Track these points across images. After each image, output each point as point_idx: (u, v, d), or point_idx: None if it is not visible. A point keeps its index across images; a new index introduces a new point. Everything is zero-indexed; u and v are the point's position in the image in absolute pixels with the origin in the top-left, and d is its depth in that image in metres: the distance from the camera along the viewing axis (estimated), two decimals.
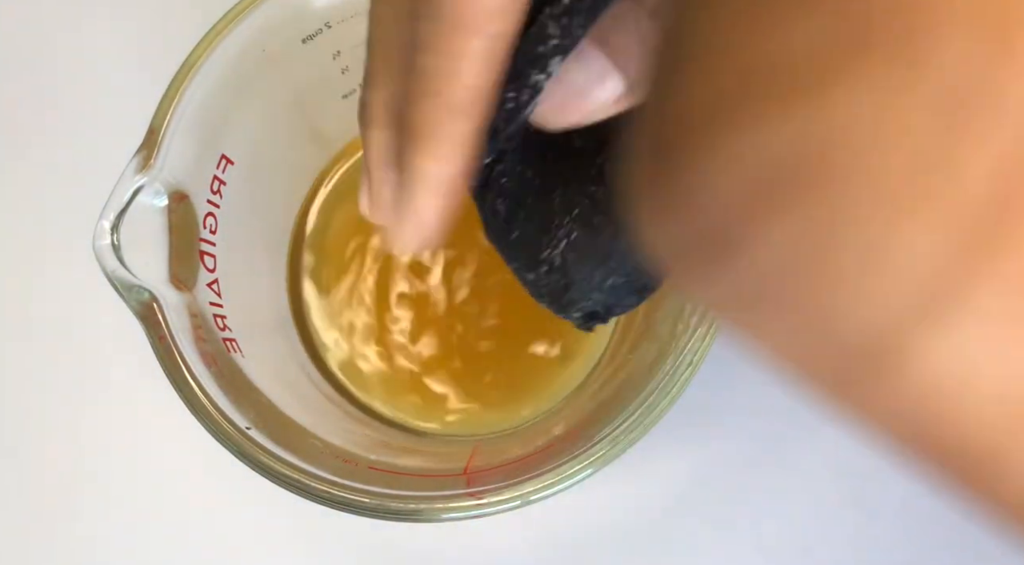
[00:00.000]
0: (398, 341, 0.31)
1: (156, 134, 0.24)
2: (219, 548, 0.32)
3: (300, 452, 0.23)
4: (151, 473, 0.32)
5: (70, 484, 0.32)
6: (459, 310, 0.31)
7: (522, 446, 0.27)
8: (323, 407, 0.29)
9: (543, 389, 0.31)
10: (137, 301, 0.23)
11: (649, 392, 0.23)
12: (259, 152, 0.27)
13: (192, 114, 0.25)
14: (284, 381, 0.28)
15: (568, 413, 0.29)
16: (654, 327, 0.27)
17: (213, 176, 0.26)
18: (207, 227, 0.26)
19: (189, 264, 0.25)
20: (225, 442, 0.23)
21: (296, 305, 0.32)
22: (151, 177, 0.24)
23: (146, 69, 0.27)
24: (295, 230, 0.32)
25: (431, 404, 0.31)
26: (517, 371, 0.32)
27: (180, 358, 0.23)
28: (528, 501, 0.22)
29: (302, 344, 0.31)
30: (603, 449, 0.22)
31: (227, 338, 0.25)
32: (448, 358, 0.31)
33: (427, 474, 0.26)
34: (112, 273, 0.23)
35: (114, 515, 0.32)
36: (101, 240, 0.23)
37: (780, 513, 0.31)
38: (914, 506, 0.31)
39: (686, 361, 0.23)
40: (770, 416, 0.32)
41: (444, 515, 0.23)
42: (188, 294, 0.24)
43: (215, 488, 0.32)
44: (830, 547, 0.31)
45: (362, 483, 0.23)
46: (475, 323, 0.32)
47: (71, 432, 0.33)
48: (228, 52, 0.25)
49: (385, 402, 0.31)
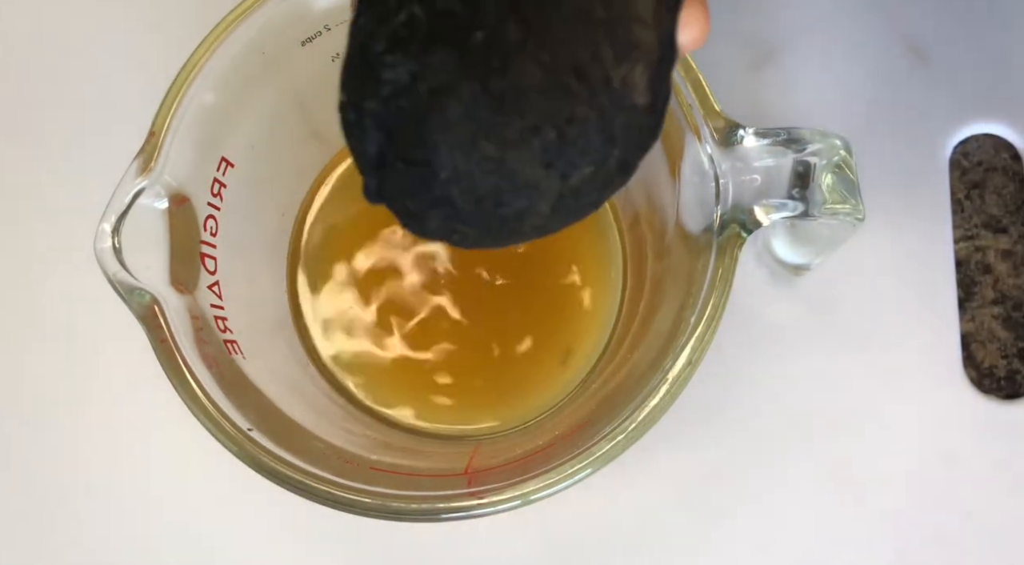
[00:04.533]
0: (399, 341, 0.31)
1: (156, 137, 0.24)
2: (220, 549, 0.32)
3: (302, 453, 0.24)
4: (152, 474, 0.32)
5: (70, 485, 0.32)
6: (460, 310, 0.32)
7: (522, 446, 0.27)
8: (324, 408, 0.29)
9: (543, 389, 0.31)
10: (138, 303, 0.23)
11: (649, 392, 0.23)
12: (259, 154, 0.27)
13: (192, 117, 0.25)
14: (285, 382, 0.28)
15: (568, 413, 0.29)
16: (654, 327, 0.27)
17: (213, 178, 0.26)
18: (207, 229, 0.26)
19: (190, 266, 0.25)
20: (226, 443, 0.23)
21: (296, 306, 0.32)
22: (152, 180, 0.24)
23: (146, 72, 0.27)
24: (295, 231, 0.32)
25: (432, 404, 0.31)
26: (517, 371, 0.32)
27: (181, 360, 0.23)
28: (528, 501, 0.22)
29: (303, 345, 0.31)
30: (603, 449, 0.22)
31: (228, 340, 0.25)
32: (449, 358, 0.31)
33: (428, 474, 0.26)
34: (113, 276, 0.23)
35: (114, 516, 0.32)
36: (102, 243, 0.23)
37: (780, 513, 0.31)
38: (915, 506, 0.31)
39: (686, 361, 0.23)
40: (770, 416, 0.32)
41: (445, 515, 0.23)
42: (189, 296, 0.24)
43: (216, 489, 0.32)
44: (830, 547, 0.31)
45: (364, 483, 0.23)
46: (476, 323, 0.32)
47: (71, 433, 0.33)
48: (228, 55, 0.25)
49: (386, 403, 0.31)
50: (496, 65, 0.15)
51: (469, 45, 0.15)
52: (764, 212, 0.23)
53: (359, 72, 0.16)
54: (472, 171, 0.16)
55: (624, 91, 0.16)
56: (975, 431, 0.32)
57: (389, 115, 0.16)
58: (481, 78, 0.15)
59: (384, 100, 0.16)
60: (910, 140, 0.34)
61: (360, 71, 0.16)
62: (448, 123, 0.15)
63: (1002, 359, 0.33)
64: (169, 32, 0.29)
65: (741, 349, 0.32)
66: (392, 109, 0.16)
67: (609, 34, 0.15)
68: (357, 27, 0.16)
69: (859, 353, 0.32)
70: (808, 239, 0.30)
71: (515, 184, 0.16)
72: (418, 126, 0.16)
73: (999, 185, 0.34)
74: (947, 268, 0.33)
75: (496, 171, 0.16)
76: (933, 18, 0.35)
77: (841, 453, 0.32)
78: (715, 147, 0.24)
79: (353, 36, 0.16)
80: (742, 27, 0.35)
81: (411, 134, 0.16)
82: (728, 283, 0.23)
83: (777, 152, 0.23)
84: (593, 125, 0.16)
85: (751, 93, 0.34)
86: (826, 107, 0.34)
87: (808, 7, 0.35)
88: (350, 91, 0.16)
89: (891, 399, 0.32)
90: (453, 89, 0.15)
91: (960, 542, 0.31)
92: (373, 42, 0.15)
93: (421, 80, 0.15)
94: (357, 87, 0.16)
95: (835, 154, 0.23)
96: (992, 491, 0.31)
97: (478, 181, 0.16)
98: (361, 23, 0.16)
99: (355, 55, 0.16)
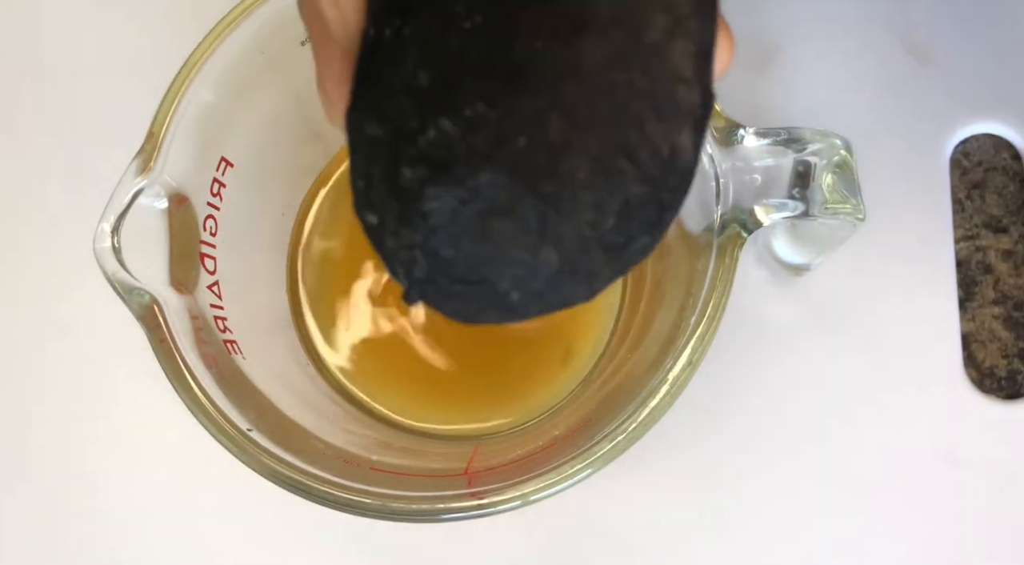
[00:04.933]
0: (399, 341, 0.31)
1: (156, 137, 0.24)
2: (220, 549, 0.32)
3: (301, 453, 0.24)
4: (152, 475, 0.32)
5: (70, 485, 0.32)
6: None
7: (523, 446, 0.27)
8: (324, 408, 0.29)
9: (543, 389, 0.31)
10: (138, 303, 0.23)
11: (649, 392, 0.23)
12: (258, 154, 0.27)
13: (192, 117, 0.25)
14: (285, 382, 0.28)
15: (568, 413, 0.29)
16: (654, 327, 0.27)
17: (213, 178, 0.26)
18: (207, 229, 0.26)
19: (189, 266, 0.25)
20: (226, 443, 0.23)
21: (296, 306, 0.32)
22: (151, 180, 0.24)
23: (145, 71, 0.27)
24: (295, 231, 0.32)
25: (432, 404, 0.31)
26: (517, 371, 0.32)
27: (181, 360, 0.23)
28: (529, 501, 0.22)
29: (302, 345, 0.31)
30: (603, 449, 0.22)
31: (228, 340, 0.25)
32: (449, 358, 0.31)
33: (428, 474, 0.26)
34: (113, 276, 0.23)
35: (114, 516, 0.32)
36: (102, 243, 0.23)
37: (780, 513, 0.31)
38: (915, 506, 0.31)
39: (686, 361, 0.23)
40: (770, 416, 0.32)
41: (445, 515, 0.23)
42: (188, 296, 0.24)
43: (216, 489, 0.32)
44: (830, 547, 0.31)
45: (364, 484, 0.23)
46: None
47: (71, 434, 0.33)
48: (227, 54, 0.25)
49: (386, 403, 0.31)
50: (544, 166, 0.14)
51: (514, 156, 0.14)
52: (764, 212, 0.23)
53: (393, 200, 0.15)
54: (531, 277, 0.15)
55: (673, 158, 0.15)
56: (975, 431, 0.32)
57: (437, 244, 0.15)
58: (531, 185, 0.14)
59: (430, 231, 0.15)
60: (911, 140, 0.34)
61: (393, 197, 0.15)
62: (504, 239, 0.15)
63: (1003, 359, 0.33)
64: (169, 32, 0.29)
65: (741, 349, 0.32)
66: (440, 238, 0.15)
67: (653, 105, 0.14)
68: (372, 141, 0.15)
69: (859, 353, 0.32)
70: (808, 239, 0.30)
71: (576, 277, 0.15)
72: (473, 249, 0.15)
73: (1000, 185, 0.34)
74: (948, 268, 0.33)
75: (558, 272, 0.15)
76: (934, 18, 0.35)
77: (841, 453, 0.32)
78: (715, 147, 0.24)
79: (369, 152, 0.15)
80: (742, 26, 0.35)
81: (464, 258, 0.15)
82: (728, 283, 0.23)
83: (777, 152, 0.23)
84: (647, 198, 0.15)
85: (751, 93, 0.34)
86: (826, 107, 0.34)
87: (809, 6, 0.35)
88: (383, 215, 0.15)
89: (891, 399, 0.32)
90: (506, 207, 0.14)
91: (960, 542, 0.31)
92: (403, 166, 0.14)
93: (471, 203, 0.14)
94: (394, 216, 0.15)
95: (835, 154, 0.23)
96: (992, 491, 0.31)
97: (538, 284, 0.15)
98: (376, 136, 0.15)
99: (380, 179, 0.15)
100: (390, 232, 0.15)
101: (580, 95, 0.14)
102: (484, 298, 0.15)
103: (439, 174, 0.14)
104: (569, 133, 0.14)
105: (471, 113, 0.14)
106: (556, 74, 0.14)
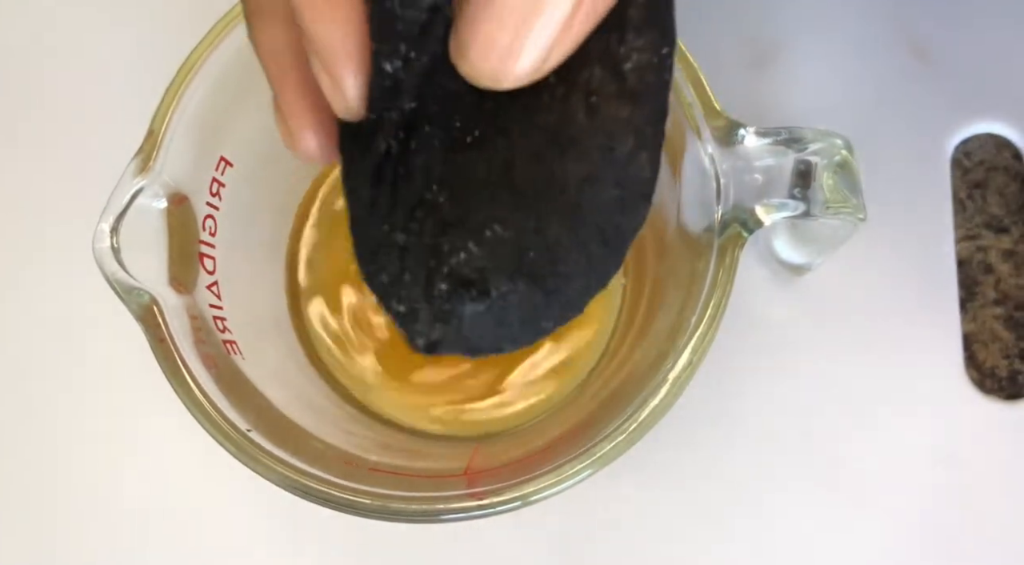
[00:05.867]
0: (398, 342, 0.31)
1: (155, 136, 0.24)
2: (219, 549, 0.32)
3: (301, 454, 0.23)
4: (151, 475, 0.32)
5: (69, 486, 0.32)
6: None
7: (523, 447, 0.27)
8: (324, 409, 0.29)
9: (543, 390, 0.31)
10: (137, 303, 0.23)
11: (650, 392, 0.23)
12: (258, 154, 0.27)
13: (191, 116, 0.25)
14: (284, 382, 0.28)
15: (568, 414, 0.29)
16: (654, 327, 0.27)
17: (212, 178, 0.26)
18: (206, 229, 0.26)
19: (188, 266, 0.25)
20: (225, 444, 0.23)
21: (296, 306, 0.32)
22: (150, 179, 0.24)
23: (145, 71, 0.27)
24: (294, 231, 0.32)
25: (432, 405, 0.31)
26: (517, 371, 0.32)
27: (180, 360, 0.23)
28: (529, 502, 0.22)
29: (301, 346, 0.31)
30: (603, 450, 0.22)
31: (227, 340, 0.25)
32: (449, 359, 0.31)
33: (428, 475, 0.26)
34: (112, 276, 0.23)
35: (113, 516, 0.32)
36: (100, 243, 0.23)
37: (780, 513, 0.31)
38: (915, 507, 0.31)
39: (686, 361, 0.23)
40: (770, 416, 0.32)
41: (445, 516, 0.23)
42: (188, 296, 0.24)
43: (215, 490, 0.32)
44: (831, 547, 0.31)
45: (363, 484, 0.23)
46: None
47: (71, 434, 0.33)
48: (227, 54, 0.25)
49: (385, 403, 0.31)
50: (548, 267, 0.17)
51: (528, 266, 0.17)
52: (765, 212, 0.23)
53: (426, 303, 0.17)
54: (530, 335, 0.18)
55: (636, 186, 0.17)
56: (976, 432, 0.32)
57: (465, 333, 0.18)
58: (542, 287, 0.17)
59: (460, 325, 0.18)
60: (911, 139, 0.34)
61: (427, 301, 0.17)
62: (516, 323, 0.18)
63: (1004, 359, 0.33)
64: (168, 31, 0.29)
65: (742, 349, 0.32)
66: (468, 330, 0.18)
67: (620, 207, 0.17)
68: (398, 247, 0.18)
69: (860, 353, 0.32)
70: (809, 239, 0.30)
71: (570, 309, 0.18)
72: (492, 332, 0.18)
73: (1001, 185, 0.34)
74: (949, 268, 0.33)
75: (549, 330, 0.18)
76: (935, 17, 0.35)
77: (842, 453, 0.32)
78: (716, 146, 0.24)
79: (397, 256, 0.18)
80: (743, 26, 0.35)
81: (484, 340, 0.18)
82: (729, 283, 0.23)
83: (778, 151, 0.23)
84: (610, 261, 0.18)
85: (752, 92, 0.34)
86: (827, 106, 0.34)
87: (809, 6, 0.35)
88: (413, 309, 0.18)
89: (892, 399, 0.32)
90: (522, 304, 0.17)
91: (961, 542, 0.31)
92: (438, 281, 0.17)
93: (495, 305, 0.17)
94: (427, 315, 0.18)
95: (836, 153, 0.23)
96: (993, 491, 0.31)
97: (537, 337, 0.18)
98: (402, 244, 0.18)
99: (412, 283, 0.17)
100: (422, 322, 0.18)
101: (567, 204, 0.17)
102: (487, 348, 0.18)
103: (472, 289, 0.17)
104: (563, 236, 0.17)
105: (490, 235, 0.17)
106: (547, 190, 0.17)
